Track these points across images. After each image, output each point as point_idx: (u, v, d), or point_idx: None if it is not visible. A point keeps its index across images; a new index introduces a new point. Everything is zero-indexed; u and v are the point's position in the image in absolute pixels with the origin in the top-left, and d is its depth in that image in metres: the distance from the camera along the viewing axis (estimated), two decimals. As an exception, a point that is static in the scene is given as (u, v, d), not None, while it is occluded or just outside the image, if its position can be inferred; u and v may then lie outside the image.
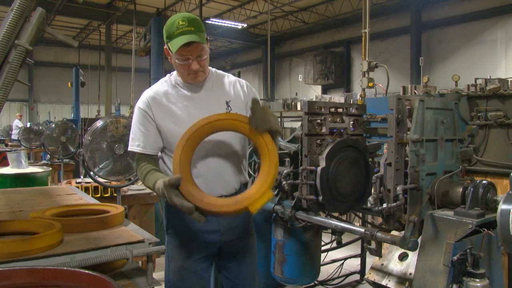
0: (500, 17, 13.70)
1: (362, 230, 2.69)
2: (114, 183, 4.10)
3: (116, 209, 2.43)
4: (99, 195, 4.21)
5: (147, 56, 13.19)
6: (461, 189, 2.46)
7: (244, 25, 19.66)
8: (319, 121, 2.97)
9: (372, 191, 2.67)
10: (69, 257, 1.83)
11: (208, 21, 17.85)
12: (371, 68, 7.10)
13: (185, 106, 2.09)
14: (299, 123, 4.02)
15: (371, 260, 3.87)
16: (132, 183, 4.33)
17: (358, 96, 8.28)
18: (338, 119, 3.05)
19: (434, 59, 15.52)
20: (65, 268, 1.45)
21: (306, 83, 19.02)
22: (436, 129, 2.65)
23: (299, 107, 12.01)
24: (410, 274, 3.36)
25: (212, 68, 2.22)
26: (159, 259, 4.42)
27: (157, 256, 4.34)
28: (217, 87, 2.17)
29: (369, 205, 2.59)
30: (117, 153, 3.88)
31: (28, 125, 11.06)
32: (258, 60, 24.39)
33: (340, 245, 3.25)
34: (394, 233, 2.60)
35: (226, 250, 2.22)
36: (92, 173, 3.99)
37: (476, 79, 4.05)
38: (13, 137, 14.37)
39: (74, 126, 7.75)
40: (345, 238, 3.45)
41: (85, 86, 18.19)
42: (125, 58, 22.69)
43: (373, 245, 2.69)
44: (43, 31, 1.98)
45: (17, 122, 16.12)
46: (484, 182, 2.44)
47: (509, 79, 4.29)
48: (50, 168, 6.13)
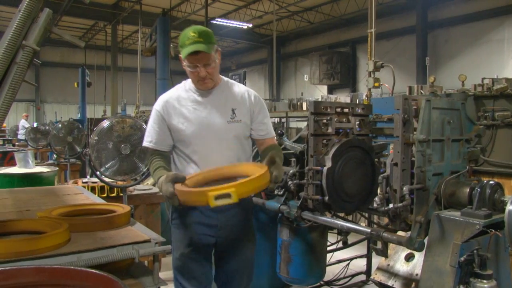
0: (507, 17, 13.63)
1: (368, 230, 2.69)
2: (120, 183, 4.11)
3: (123, 209, 2.43)
4: (105, 195, 4.21)
5: (153, 56, 13.23)
6: (468, 190, 2.45)
7: (250, 25, 19.69)
8: (325, 121, 2.97)
9: (378, 191, 2.66)
10: (76, 257, 1.83)
11: (214, 21, 17.88)
12: (377, 68, 7.06)
13: (194, 109, 2.34)
14: (305, 123, 4.02)
15: (377, 261, 3.85)
16: (138, 183, 4.33)
17: (364, 96, 8.24)
18: (344, 119, 3.05)
19: (440, 59, 15.46)
20: (72, 268, 1.46)
21: (312, 83, 19.00)
22: (443, 129, 2.64)
23: (305, 107, 11.97)
24: (417, 275, 3.34)
25: (225, 78, 2.47)
26: (165, 259, 4.43)
27: (163, 256, 4.34)
28: (226, 95, 2.40)
29: (375, 206, 2.59)
30: (123, 153, 3.88)
31: (35, 125, 11.10)
32: (264, 60, 24.39)
33: (346, 246, 3.23)
34: (401, 234, 2.59)
35: (221, 243, 2.41)
36: (99, 173, 4.00)
37: (483, 79, 4.02)
38: (20, 137, 14.44)
39: (81, 126, 7.76)
40: (351, 239, 3.44)
41: (91, 86, 18.33)
42: (131, 58, 22.71)
43: (379, 246, 2.69)
44: (50, 32, 1.99)
45: (24, 122, 16.20)
46: (491, 183, 2.43)
47: (516, 79, 4.26)
48: (57, 168, 6.15)
